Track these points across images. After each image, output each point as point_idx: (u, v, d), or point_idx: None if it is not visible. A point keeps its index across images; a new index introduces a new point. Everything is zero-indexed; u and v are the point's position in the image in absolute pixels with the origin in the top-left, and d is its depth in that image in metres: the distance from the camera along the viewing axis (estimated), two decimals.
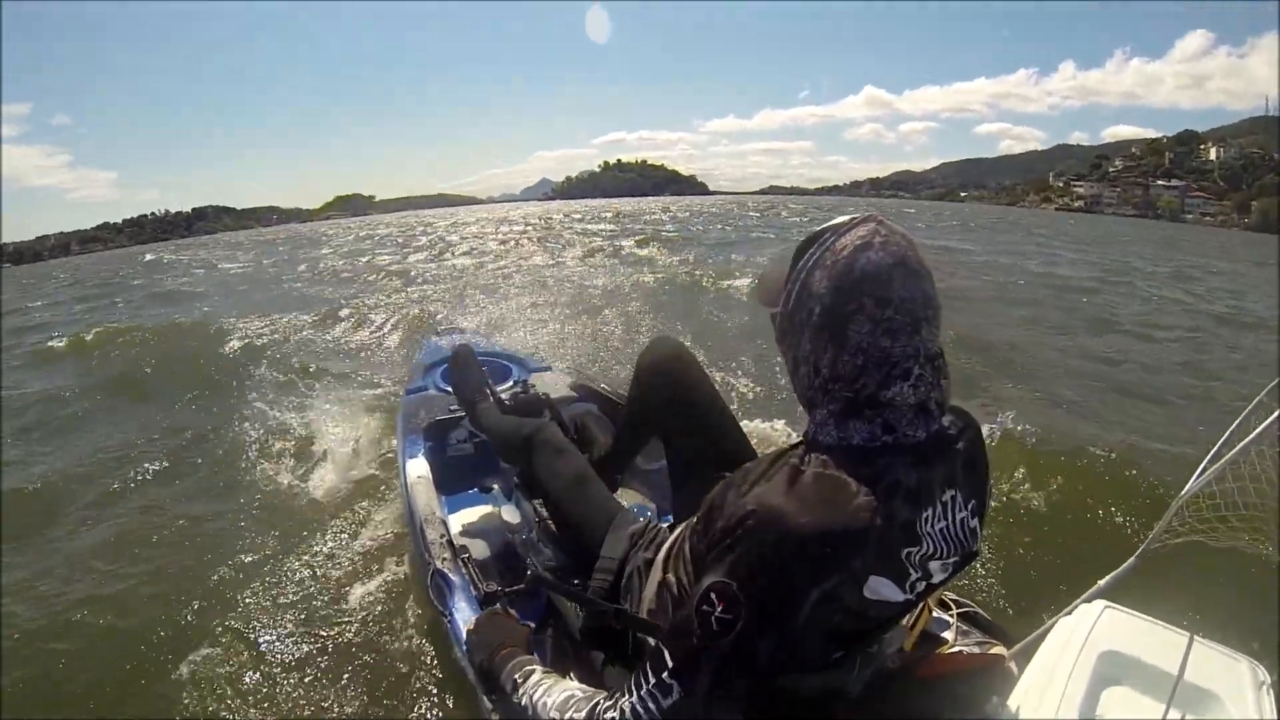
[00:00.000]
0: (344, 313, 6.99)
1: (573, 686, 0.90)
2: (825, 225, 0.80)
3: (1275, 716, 0.80)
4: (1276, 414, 1.04)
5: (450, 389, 2.29)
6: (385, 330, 6.16)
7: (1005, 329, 5.74)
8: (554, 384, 2.16)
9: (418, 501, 1.77)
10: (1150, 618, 0.94)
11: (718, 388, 1.48)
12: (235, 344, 5.69)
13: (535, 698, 0.91)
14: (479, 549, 1.67)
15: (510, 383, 2.33)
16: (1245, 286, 11.07)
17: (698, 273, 8.70)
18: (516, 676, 0.97)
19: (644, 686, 0.75)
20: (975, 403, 3.43)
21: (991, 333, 5.40)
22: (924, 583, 0.77)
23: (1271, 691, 0.82)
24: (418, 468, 1.93)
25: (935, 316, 0.75)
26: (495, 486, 1.97)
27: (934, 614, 1.20)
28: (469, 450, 2.18)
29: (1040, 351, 4.92)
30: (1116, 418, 3.49)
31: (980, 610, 1.23)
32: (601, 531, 1.25)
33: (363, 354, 5.46)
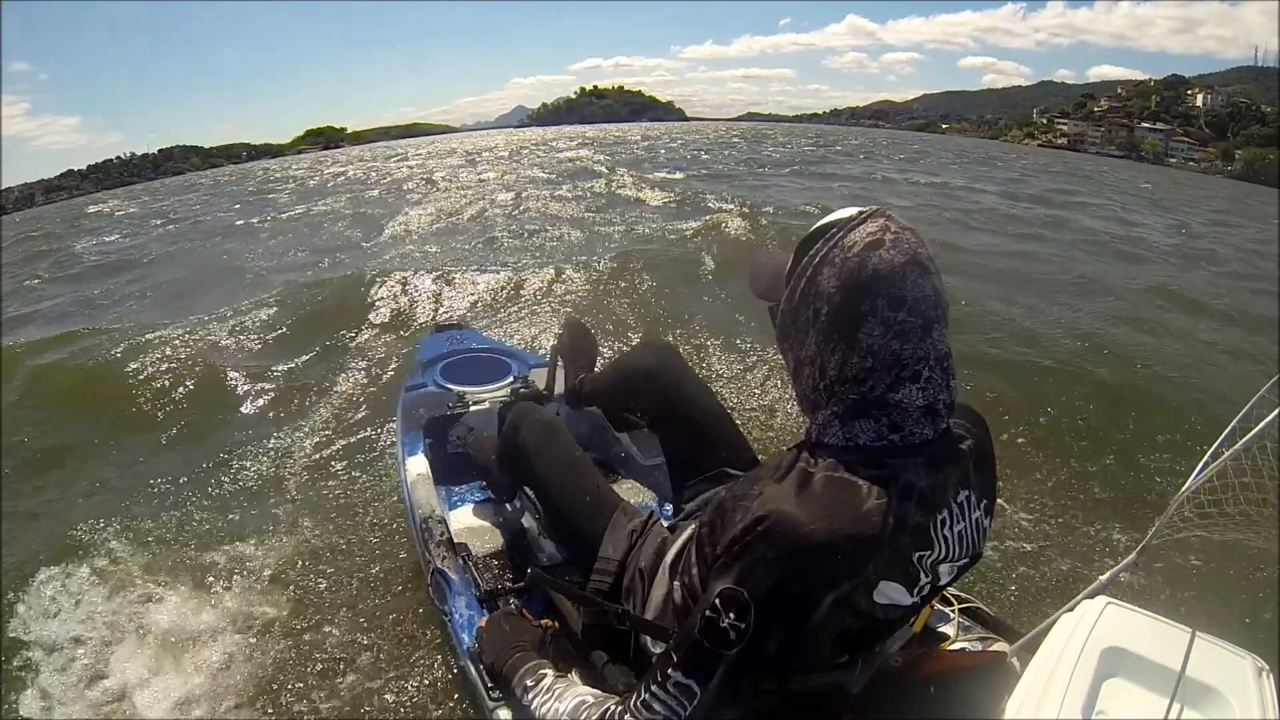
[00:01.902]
0: (303, 292, 5.34)
1: (584, 692, 0.91)
2: (830, 219, 0.78)
3: (1277, 712, 0.80)
4: (1278, 410, 1.04)
5: (448, 385, 2.29)
6: (357, 318, 4.70)
7: (995, 299, 5.37)
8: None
9: (417, 499, 1.76)
10: (1152, 614, 0.94)
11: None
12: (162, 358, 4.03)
13: (547, 703, 0.91)
14: (479, 547, 1.67)
15: (510, 379, 2.33)
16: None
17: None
18: (529, 681, 0.98)
19: (653, 691, 0.75)
20: (976, 397, 3.43)
21: (984, 303, 5.11)
22: (930, 585, 0.77)
23: (1274, 687, 0.82)
24: (417, 465, 1.92)
25: (944, 315, 0.74)
26: None
27: (935, 608, 1.20)
28: None
29: (1047, 332, 4.78)
30: (1125, 406, 3.45)
31: (982, 606, 1.24)
32: (597, 523, 1.21)
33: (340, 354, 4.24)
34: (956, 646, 1.14)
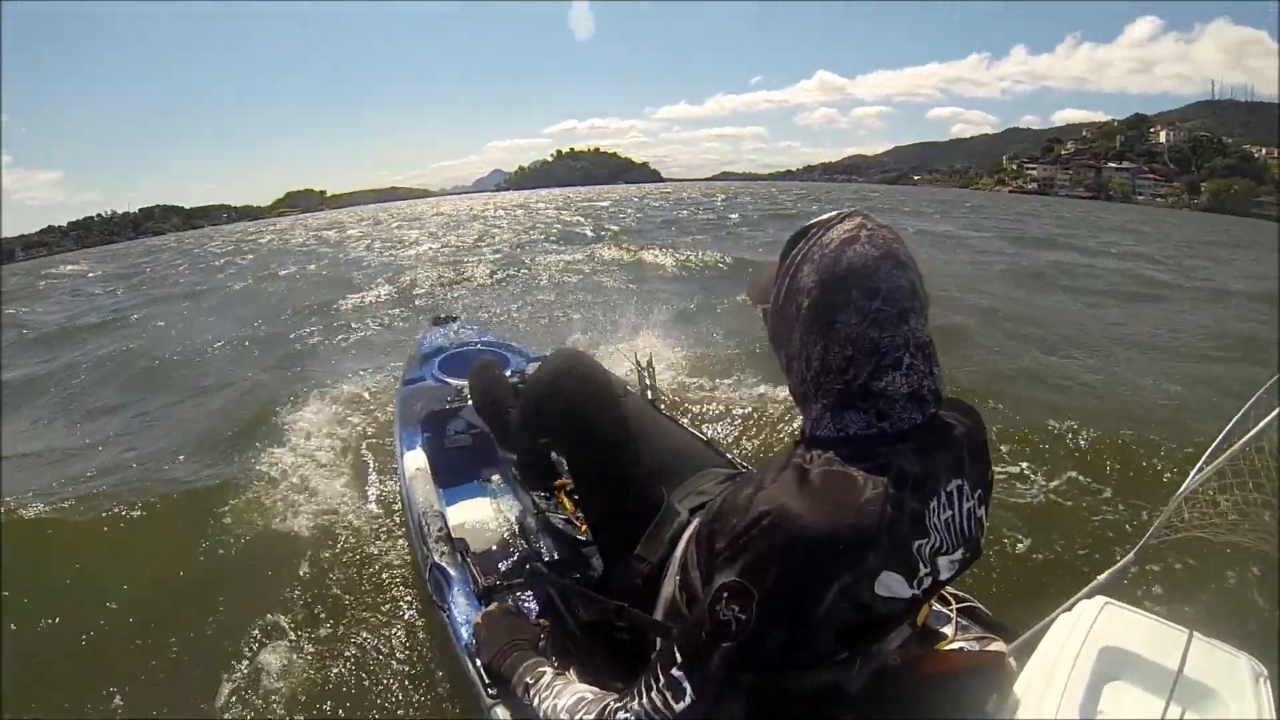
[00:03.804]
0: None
1: (583, 688, 0.91)
2: (812, 221, 0.81)
3: (1273, 712, 0.81)
4: (1276, 410, 1.04)
5: (446, 379, 2.28)
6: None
7: (1010, 306, 5.47)
8: None
9: (415, 494, 1.76)
10: (1150, 614, 0.94)
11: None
12: None
13: (546, 700, 0.92)
14: (478, 542, 1.67)
15: (508, 373, 2.33)
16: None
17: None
18: (528, 679, 0.98)
19: (654, 687, 0.75)
20: (974, 394, 3.43)
21: (987, 312, 5.16)
22: (931, 579, 0.78)
23: (1271, 687, 0.83)
24: (415, 460, 1.92)
25: (922, 306, 0.77)
26: (494, 478, 1.97)
27: (934, 608, 1.20)
28: (467, 442, 2.18)
29: (1046, 336, 4.78)
30: (1123, 407, 3.47)
31: (980, 605, 1.24)
32: (642, 514, 1.14)
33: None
34: (954, 646, 1.14)
